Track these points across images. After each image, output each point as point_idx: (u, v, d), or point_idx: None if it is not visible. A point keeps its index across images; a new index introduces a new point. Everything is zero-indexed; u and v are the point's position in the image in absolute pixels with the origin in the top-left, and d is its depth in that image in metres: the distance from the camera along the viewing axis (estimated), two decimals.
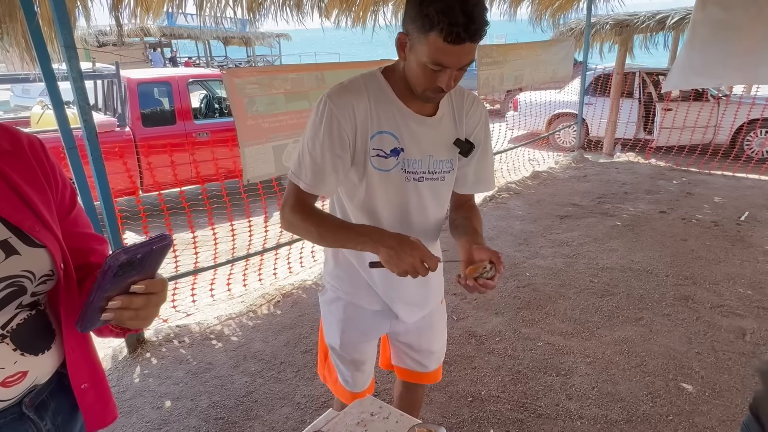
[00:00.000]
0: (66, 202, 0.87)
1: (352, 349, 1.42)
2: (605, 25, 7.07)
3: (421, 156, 1.22)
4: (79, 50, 2.39)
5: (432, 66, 1.05)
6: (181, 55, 20.05)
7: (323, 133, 1.14)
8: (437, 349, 1.55)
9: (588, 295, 3.25)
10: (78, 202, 0.92)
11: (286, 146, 3.16)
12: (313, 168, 1.17)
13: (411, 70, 1.11)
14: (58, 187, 0.85)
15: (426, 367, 1.54)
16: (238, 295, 3.47)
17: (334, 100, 1.14)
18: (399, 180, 1.22)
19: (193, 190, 5.10)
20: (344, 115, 1.14)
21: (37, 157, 0.82)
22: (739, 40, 5.27)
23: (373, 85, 1.19)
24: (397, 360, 1.56)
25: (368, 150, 1.18)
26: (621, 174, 6.16)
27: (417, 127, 1.21)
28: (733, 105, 6.64)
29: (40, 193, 0.81)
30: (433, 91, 1.11)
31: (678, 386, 2.38)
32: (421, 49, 1.04)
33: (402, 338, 1.48)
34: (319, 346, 1.56)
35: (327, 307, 1.44)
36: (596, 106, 7.51)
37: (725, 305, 3.08)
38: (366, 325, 1.40)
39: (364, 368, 1.47)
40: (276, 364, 2.66)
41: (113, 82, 5.43)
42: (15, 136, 0.81)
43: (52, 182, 0.84)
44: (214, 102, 5.94)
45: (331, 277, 1.40)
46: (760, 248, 3.88)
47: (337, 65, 3.66)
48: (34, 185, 0.80)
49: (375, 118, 1.17)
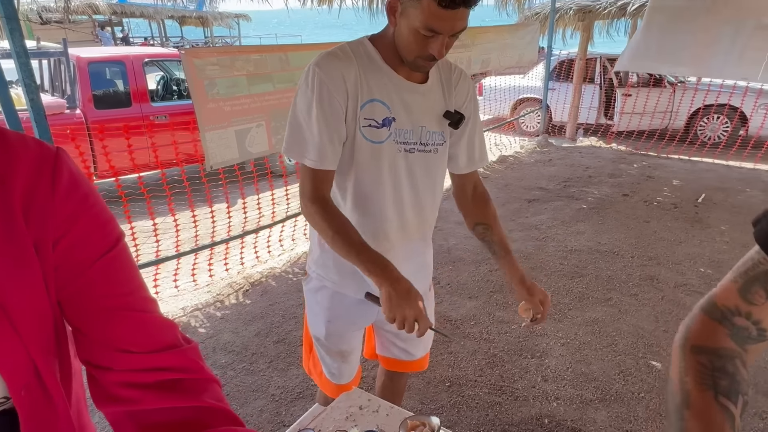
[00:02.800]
0: (78, 258, 0.55)
1: (339, 339, 1.36)
2: (569, 10, 7.15)
3: (412, 126, 1.17)
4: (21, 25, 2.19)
5: (424, 32, 1.01)
6: (134, 35, 19.10)
7: (315, 104, 1.07)
8: (425, 336, 1.51)
9: (558, 277, 3.30)
10: (113, 256, 0.58)
11: (249, 131, 3.03)
12: (312, 142, 1.10)
13: (402, 37, 1.06)
14: (67, 238, 0.54)
15: (413, 355, 1.49)
16: (204, 284, 3.33)
17: (322, 67, 1.07)
18: (392, 153, 1.16)
19: (152, 176, 4.86)
20: (335, 83, 1.07)
21: (34, 190, 0.51)
22: (694, 32, 5.42)
23: (362, 52, 1.13)
24: (383, 349, 1.51)
25: (358, 120, 1.11)
26: (584, 158, 6.29)
27: (408, 96, 1.15)
28: (689, 92, 6.88)
29: (14, 262, 0.50)
30: (424, 58, 1.07)
31: (647, 364, 2.44)
32: (414, 14, 1.00)
33: (389, 326, 1.42)
34: (304, 338, 1.49)
35: (312, 296, 1.36)
36: (559, 91, 7.61)
37: (688, 284, 3.18)
38: (353, 314, 1.34)
39: (351, 359, 1.42)
40: (247, 355, 2.57)
41: (61, 61, 5.08)
42: (8, 156, 0.51)
43: (50, 231, 0.52)
44: (171, 84, 5.66)
45: (317, 265, 1.32)
46: (717, 229, 4.04)
47: (302, 46, 3.53)
48: (7, 250, 0.50)
49: (365, 85, 1.10)
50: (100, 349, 0.57)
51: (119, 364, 0.57)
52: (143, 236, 3.37)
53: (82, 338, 0.57)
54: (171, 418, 0.57)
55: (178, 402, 0.57)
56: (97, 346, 0.57)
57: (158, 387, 0.57)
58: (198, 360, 0.62)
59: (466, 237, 3.81)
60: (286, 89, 3.18)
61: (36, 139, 0.54)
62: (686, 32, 5.46)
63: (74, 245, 0.54)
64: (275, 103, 3.14)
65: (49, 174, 0.52)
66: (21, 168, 0.51)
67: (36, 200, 0.51)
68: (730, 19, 5.23)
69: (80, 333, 0.57)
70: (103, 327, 0.57)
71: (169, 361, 0.59)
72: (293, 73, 3.22)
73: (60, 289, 0.55)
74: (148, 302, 0.61)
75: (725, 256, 3.54)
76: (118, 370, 0.57)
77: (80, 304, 0.56)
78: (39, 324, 0.53)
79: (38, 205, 0.51)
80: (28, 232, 0.50)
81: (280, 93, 3.15)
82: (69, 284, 0.55)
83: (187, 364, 0.60)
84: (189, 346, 0.62)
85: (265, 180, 4.62)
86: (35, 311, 0.53)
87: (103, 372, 0.57)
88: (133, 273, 0.60)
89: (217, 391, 0.61)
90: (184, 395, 0.58)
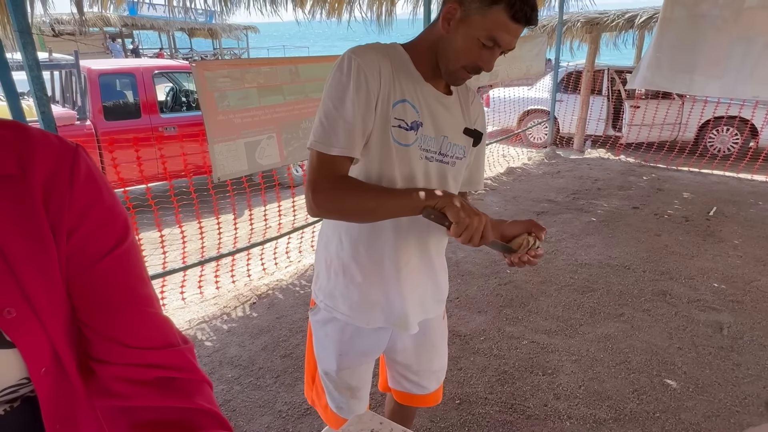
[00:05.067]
0: (90, 250, 0.57)
1: (350, 374, 1.30)
2: (576, 22, 7.16)
3: (435, 134, 1.14)
4: (34, 38, 2.20)
5: (486, 41, 1.01)
6: (144, 47, 19.35)
7: (352, 89, 1.02)
8: (438, 368, 1.45)
9: (569, 291, 3.25)
10: (123, 251, 0.59)
11: (259, 142, 3.03)
12: (345, 128, 1.02)
13: (453, 43, 1.05)
14: (81, 229, 0.56)
15: (426, 389, 1.43)
16: (211, 297, 3.32)
17: (360, 55, 1.04)
18: (414, 158, 1.12)
19: (160, 187, 4.87)
20: (372, 72, 1.03)
21: (53, 181, 0.54)
22: (705, 50, 5.41)
23: (395, 53, 1.11)
24: (395, 383, 1.45)
25: (390, 118, 1.07)
26: (593, 170, 6.24)
27: (435, 104, 1.13)
28: (699, 103, 6.83)
29: (34, 246, 0.52)
30: (469, 69, 1.07)
31: (662, 382, 2.39)
32: (479, 22, 1.00)
33: (400, 357, 1.37)
34: (306, 366, 1.43)
35: (321, 327, 1.29)
36: (567, 103, 7.60)
37: (701, 300, 3.12)
38: (366, 345, 1.28)
39: (361, 395, 1.36)
40: (254, 370, 2.54)
41: (72, 72, 5.13)
42: (31, 149, 0.53)
43: (66, 221, 0.54)
44: (181, 95, 5.69)
45: (324, 294, 1.26)
46: (730, 243, 3.98)
47: (311, 59, 3.53)
48: (29, 233, 0.52)
49: (398, 84, 1.07)
50: (100, 341, 0.58)
51: (118, 358, 0.58)
52: (150, 247, 3.36)
53: (84, 329, 0.59)
54: (163, 417, 0.58)
55: (171, 402, 0.59)
56: (98, 338, 0.58)
57: (153, 384, 0.59)
58: (193, 360, 0.63)
59: (474, 250, 3.78)
60: (297, 101, 3.19)
61: (58, 135, 0.57)
62: (697, 49, 5.45)
63: (87, 237, 0.56)
64: (285, 115, 3.14)
65: (68, 167, 0.55)
66: (42, 159, 0.53)
67: (55, 190, 0.54)
68: (740, 36, 5.21)
69: (83, 324, 0.58)
70: (107, 319, 0.58)
71: (167, 358, 0.60)
72: (304, 85, 3.23)
73: (69, 279, 0.56)
74: (151, 299, 0.62)
75: (739, 272, 3.48)
76: (116, 364, 0.58)
77: (87, 296, 0.57)
78: (57, 309, 0.55)
79: (57, 194, 0.54)
80: (47, 219, 0.53)
81: (290, 105, 3.16)
82: (79, 275, 0.57)
83: (183, 364, 0.61)
84: (186, 346, 0.63)
85: (272, 191, 4.62)
86: (53, 296, 0.54)
87: (101, 365, 0.58)
88: (140, 269, 0.62)
89: (208, 393, 0.63)
90: (177, 395, 0.59)
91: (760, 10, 5.06)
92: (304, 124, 3.24)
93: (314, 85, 3.28)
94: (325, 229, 1.25)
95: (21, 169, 0.52)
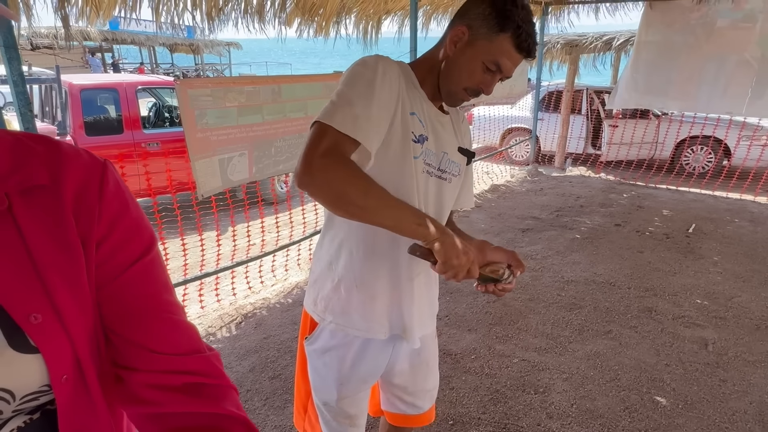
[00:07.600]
0: (118, 259, 0.58)
1: (350, 402, 1.27)
2: (557, 44, 7.35)
3: (436, 150, 1.16)
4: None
5: (489, 65, 1.05)
6: (125, 61, 19.14)
7: (377, 86, 0.99)
8: (432, 386, 1.44)
9: (557, 308, 3.27)
10: (150, 260, 0.61)
11: (231, 159, 3.01)
12: (364, 115, 0.96)
13: (456, 65, 1.08)
14: (110, 239, 0.57)
15: (420, 408, 1.41)
16: (195, 316, 3.23)
17: (385, 60, 1.04)
18: (418, 171, 1.12)
19: (142, 203, 4.78)
20: (393, 76, 1.04)
21: (83, 193, 0.56)
22: (679, 68, 5.62)
23: (405, 68, 1.14)
24: (389, 405, 1.42)
25: (409, 125, 1.08)
26: (575, 188, 6.35)
27: (435, 121, 1.16)
28: (675, 123, 7.04)
29: (63, 254, 0.53)
30: (470, 92, 1.10)
31: (652, 400, 2.40)
32: (485, 46, 1.04)
33: (397, 380, 1.34)
34: (296, 395, 1.39)
35: (319, 357, 1.24)
36: (548, 121, 7.75)
37: (686, 316, 3.17)
38: (366, 370, 1.24)
39: (359, 422, 1.32)
40: (242, 392, 2.47)
41: (52, 87, 5.04)
42: (62, 163, 0.55)
43: (96, 231, 0.56)
44: (164, 111, 5.63)
45: (335, 314, 1.19)
46: (710, 259, 4.07)
47: (296, 78, 3.53)
48: (59, 241, 0.53)
49: (408, 97, 1.09)
50: (129, 348, 0.59)
51: (147, 365, 0.59)
52: None
53: (112, 337, 0.59)
54: (193, 423, 0.58)
55: (200, 407, 0.59)
56: (127, 346, 0.59)
57: (182, 390, 0.59)
58: (219, 366, 0.64)
59: None
60: (274, 121, 3.21)
61: (87, 151, 0.60)
62: (672, 68, 5.65)
63: (115, 246, 0.58)
64: (261, 134, 3.15)
65: (98, 179, 0.57)
66: (73, 172, 0.56)
67: (85, 202, 0.56)
68: (713, 54, 5.42)
69: (111, 332, 0.59)
70: (135, 326, 0.59)
71: (194, 364, 0.61)
72: (284, 104, 3.25)
73: (99, 288, 0.58)
74: (177, 306, 0.64)
75: (720, 288, 3.55)
76: (145, 371, 0.59)
77: (115, 303, 0.58)
78: (82, 318, 0.55)
79: (86, 206, 0.56)
80: (77, 229, 0.55)
81: (267, 124, 3.17)
82: (108, 283, 0.58)
83: (210, 370, 0.62)
84: (212, 353, 0.64)
85: (256, 207, 4.57)
86: (79, 304, 0.55)
87: (129, 372, 0.59)
88: (165, 277, 0.64)
89: (236, 399, 0.63)
90: (206, 401, 0.60)
91: (730, 30, 5.28)
92: (278, 142, 3.26)
93: (294, 105, 3.31)
94: (327, 249, 1.21)
95: (53, 180, 0.54)
